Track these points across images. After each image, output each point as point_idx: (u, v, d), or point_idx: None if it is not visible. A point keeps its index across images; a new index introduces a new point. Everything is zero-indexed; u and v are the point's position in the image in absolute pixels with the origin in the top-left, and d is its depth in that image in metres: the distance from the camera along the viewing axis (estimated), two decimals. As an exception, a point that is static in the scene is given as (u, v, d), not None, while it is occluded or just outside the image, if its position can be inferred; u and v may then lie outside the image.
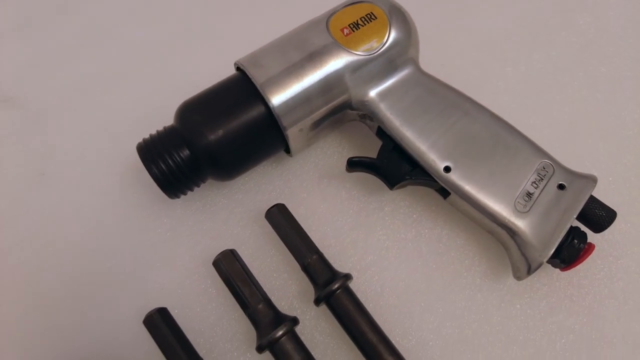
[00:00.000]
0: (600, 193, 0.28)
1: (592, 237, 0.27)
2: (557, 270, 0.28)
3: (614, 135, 0.33)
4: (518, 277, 0.27)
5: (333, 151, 0.34)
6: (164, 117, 0.30)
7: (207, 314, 0.28)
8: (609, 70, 0.36)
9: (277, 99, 0.27)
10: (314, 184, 0.32)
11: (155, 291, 0.29)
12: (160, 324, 0.25)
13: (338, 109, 0.29)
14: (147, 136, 0.29)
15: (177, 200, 0.32)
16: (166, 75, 0.38)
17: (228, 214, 0.31)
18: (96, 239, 0.31)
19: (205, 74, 0.30)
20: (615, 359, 0.26)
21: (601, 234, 0.29)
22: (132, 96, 0.37)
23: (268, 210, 0.28)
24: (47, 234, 0.31)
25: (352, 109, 0.30)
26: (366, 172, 0.29)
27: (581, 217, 0.27)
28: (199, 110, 0.28)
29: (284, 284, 0.29)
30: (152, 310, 0.26)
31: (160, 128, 0.29)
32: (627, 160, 0.32)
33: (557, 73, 0.36)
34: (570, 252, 0.26)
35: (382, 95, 0.29)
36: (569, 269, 0.26)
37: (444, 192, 0.28)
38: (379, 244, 0.30)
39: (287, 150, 0.31)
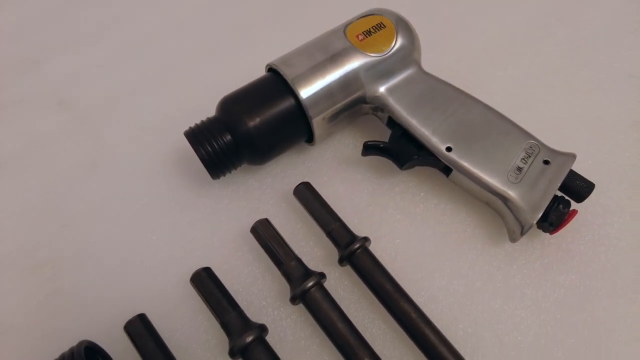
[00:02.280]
0: (582, 173, 0.32)
1: (577, 208, 0.32)
2: (548, 236, 0.33)
3: (593, 126, 0.38)
4: (513, 239, 0.31)
5: (348, 142, 0.39)
6: (199, 114, 0.34)
7: (243, 277, 0.32)
8: (586, 73, 0.42)
9: (305, 92, 0.32)
10: (333, 169, 0.37)
11: (197, 259, 0.33)
12: (206, 280, 0.29)
13: (355, 103, 0.35)
14: (192, 125, 0.34)
15: (214, 184, 0.36)
16: (199, 79, 0.44)
17: (260, 194, 0.36)
18: (144, 216, 0.35)
19: (231, 78, 0.36)
20: (600, 308, 0.30)
21: (584, 206, 0.33)
22: (170, 97, 0.43)
23: (296, 187, 0.33)
24: (101, 214, 0.36)
25: (365, 102, 0.35)
26: (379, 155, 0.34)
27: (565, 189, 0.32)
28: (239, 103, 0.33)
29: (310, 250, 0.33)
30: (198, 269, 0.30)
31: (198, 122, 0.34)
32: (604, 146, 0.37)
33: (542, 76, 0.42)
34: (557, 216, 0.30)
35: (391, 90, 0.35)
36: (557, 231, 0.31)
37: (446, 171, 0.33)
38: (392, 217, 0.34)
39: (309, 141, 0.36)
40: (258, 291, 0.31)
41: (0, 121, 0.43)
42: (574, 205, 0.32)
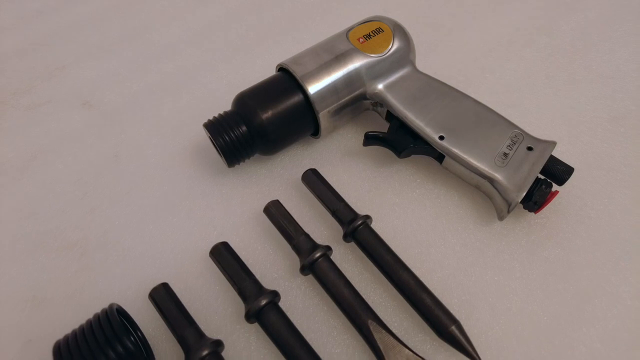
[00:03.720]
0: (564, 161, 0.36)
1: (560, 193, 0.35)
2: (533, 216, 0.36)
3: (573, 121, 0.42)
4: (501, 217, 0.34)
5: (350, 136, 0.42)
6: (212, 112, 0.38)
7: (257, 253, 0.35)
8: (567, 74, 0.46)
9: (313, 88, 0.36)
10: (337, 160, 0.41)
11: (214, 238, 0.36)
12: (224, 252, 0.32)
13: (357, 99, 0.39)
14: (211, 118, 0.37)
15: (228, 173, 0.40)
16: (212, 81, 0.48)
17: (270, 182, 0.39)
18: (164, 201, 0.39)
19: (243, 80, 0.40)
20: (582, 278, 0.33)
21: (567, 190, 0.37)
22: (186, 97, 0.47)
23: (304, 172, 0.37)
24: (124, 200, 0.39)
25: (366, 98, 0.39)
26: (379, 144, 0.38)
27: (547, 173, 0.35)
28: (254, 98, 0.37)
29: (317, 230, 0.36)
30: (217, 243, 0.33)
31: (215, 115, 0.37)
32: (584, 138, 0.41)
33: (525, 78, 0.46)
34: (540, 195, 0.33)
35: (389, 87, 0.38)
36: (540, 210, 0.34)
37: (440, 158, 0.37)
38: (391, 201, 0.38)
39: (315, 134, 0.40)
40: (270, 265, 0.34)
41: (32, 120, 0.46)
42: (556, 188, 0.35)
